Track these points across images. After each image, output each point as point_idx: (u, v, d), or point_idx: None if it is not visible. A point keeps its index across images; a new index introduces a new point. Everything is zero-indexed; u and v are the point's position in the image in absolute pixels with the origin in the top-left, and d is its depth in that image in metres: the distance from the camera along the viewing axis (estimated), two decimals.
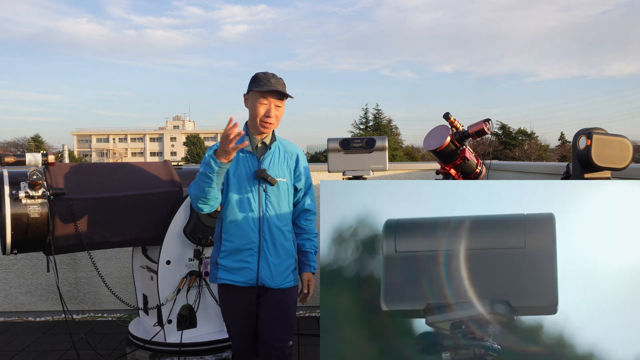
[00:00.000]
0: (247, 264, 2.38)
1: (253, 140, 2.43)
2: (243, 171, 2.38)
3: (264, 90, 2.33)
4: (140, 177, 3.15)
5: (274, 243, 2.40)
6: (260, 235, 2.38)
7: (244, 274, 2.38)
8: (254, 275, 2.38)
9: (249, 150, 2.40)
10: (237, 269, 2.39)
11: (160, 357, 3.11)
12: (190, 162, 45.15)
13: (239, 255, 2.38)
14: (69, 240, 2.89)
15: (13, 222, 2.73)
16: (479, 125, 2.53)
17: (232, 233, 2.38)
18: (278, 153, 2.45)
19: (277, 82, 2.37)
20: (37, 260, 4.58)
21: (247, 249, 2.37)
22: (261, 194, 2.37)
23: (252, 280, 2.38)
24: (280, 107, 2.40)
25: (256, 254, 2.38)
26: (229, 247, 2.39)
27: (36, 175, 2.73)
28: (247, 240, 2.37)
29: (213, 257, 2.49)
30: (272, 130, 2.44)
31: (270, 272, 2.39)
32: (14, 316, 4.63)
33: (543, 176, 4.04)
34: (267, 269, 2.38)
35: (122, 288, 4.56)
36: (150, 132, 78.10)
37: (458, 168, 2.61)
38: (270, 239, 2.39)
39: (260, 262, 2.38)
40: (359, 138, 2.98)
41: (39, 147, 50.35)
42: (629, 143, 2.12)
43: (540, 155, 39.13)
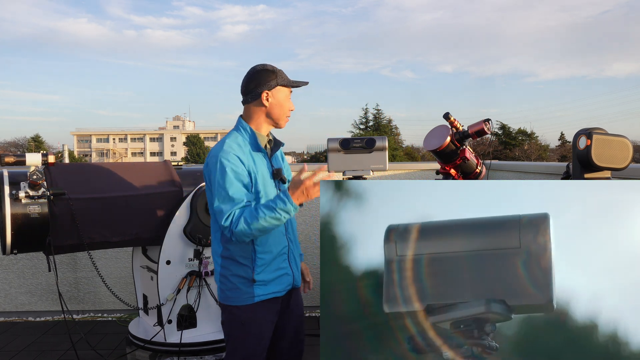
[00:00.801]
0: (284, 270, 2.25)
1: (262, 138, 2.28)
2: (264, 172, 2.24)
3: (298, 83, 2.29)
4: (140, 177, 3.15)
5: (295, 241, 2.36)
6: (287, 237, 2.29)
7: (282, 281, 2.25)
8: (291, 279, 2.28)
9: (260, 149, 2.25)
10: (274, 279, 2.22)
11: (160, 357, 3.11)
12: (190, 162, 45.12)
13: (275, 264, 2.23)
14: (69, 240, 2.89)
15: (13, 222, 2.73)
16: (479, 125, 2.53)
17: (269, 242, 2.19)
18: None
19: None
20: (37, 260, 4.58)
21: (282, 254, 2.25)
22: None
23: (289, 285, 2.28)
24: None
25: (287, 258, 2.28)
26: (267, 259, 2.20)
27: (36, 175, 2.73)
28: (282, 245, 2.25)
29: (240, 276, 2.19)
30: None
31: (298, 271, 2.33)
32: (14, 316, 4.63)
33: (543, 176, 4.04)
34: (296, 269, 2.32)
35: (122, 288, 4.56)
36: (150, 132, 78.08)
37: (458, 168, 2.61)
38: (294, 238, 2.34)
39: (291, 264, 2.30)
40: (359, 138, 2.98)
41: (39, 147, 50.34)
42: (629, 143, 2.12)
43: (540, 155, 39.12)
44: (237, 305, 2.21)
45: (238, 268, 2.20)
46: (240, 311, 2.21)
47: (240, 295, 2.19)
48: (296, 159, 67.36)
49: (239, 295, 2.20)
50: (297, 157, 72.34)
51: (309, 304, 4.71)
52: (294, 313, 2.37)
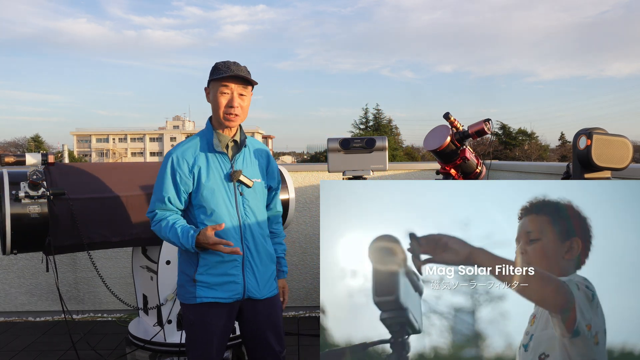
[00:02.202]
0: (231, 277, 2.14)
1: (223, 138, 2.18)
2: (216, 174, 2.15)
3: (224, 77, 2.10)
4: (140, 177, 3.15)
5: (258, 250, 2.19)
6: (243, 244, 2.16)
7: (229, 288, 2.14)
8: (240, 288, 2.15)
9: (219, 150, 2.17)
10: (219, 284, 2.13)
11: (160, 357, 3.10)
12: None
13: (222, 268, 2.13)
14: (69, 240, 2.89)
15: (13, 222, 2.73)
16: (479, 125, 2.53)
17: None
18: (249, 152, 2.25)
19: (239, 68, 2.14)
20: (37, 260, 4.58)
21: (232, 260, 2.13)
22: (238, 198, 2.16)
23: (239, 294, 2.15)
24: (244, 95, 2.16)
25: (240, 265, 2.15)
26: (211, 261, 2.12)
27: (36, 175, 2.73)
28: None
29: (185, 273, 2.19)
30: (238, 123, 2.20)
31: (257, 283, 2.18)
32: (14, 316, 4.63)
33: (543, 176, 4.04)
34: (253, 280, 2.17)
35: (122, 288, 4.56)
36: (150, 132, 78.02)
37: (458, 168, 2.61)
38: (254, 246, 2.19)
39: (246, 273, 2.16)
40: (359, 138, 2.98)
41: (39, 147, 50.35)
42: (629, 143, 2.12)
43: (540, 155, 39.14)
44: (184, 303, 2.22)
45: (185, 265, 2.21)
46: (187, 310, 2.21)
47: (184, 293, 2.20)
48: (296, 159, 67.37)
49: (183, 293, 2.21)
50: (297, 157, 72.34)
51: (309, 304, 4.71)
52: (250, 326, 2.25)
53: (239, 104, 2.14)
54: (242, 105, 2.16)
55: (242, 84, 2.15)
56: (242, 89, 2.15)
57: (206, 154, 2.16)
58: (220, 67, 2.14)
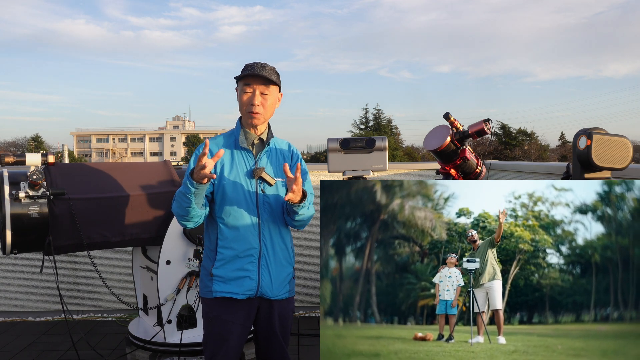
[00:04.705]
0: (247, 273, 2.16)
1: (249, 136, 2.24)
2: (239, 170, 2.19)
3: (245, 76, 2.17)
4: (140, 177, 3.15)
5: (274, 248, 2.20)
6: (261, 240, 2.18)
7: (243, 284, 2.16)
8: (254, 285, 2.16)
9: (244, 147, 2.22)
10: (234, 279, 2.16)
11: (160, 357, 3.11)
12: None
13: (238, 264, 2.16)
14: (69, 240, 2.89)
15: (13, 222, 2.73)
16: (479, 125, 2.53)
17: (230, 239, 2.16)
18: (275, 151, 2.28)
19: (262, 68, 2.20)
20: (37, 260, 4.58)
21: (247, 255, 2.16)
22: (259, 195, 2.18)
23: (252, 291, 2.17)
24: (267, 94, 2.20)
25: (256, 261, 2.17)
26: (227, 255, 2.16)
27: (36, 175, 2.73)
28: (248, 245, 2.16)
29: (205, 268, 2.25)
30: (262, 121, 2.23)
31: (271, 282, 2.19)
32: (14, 316, 4.63)
33: (543, 176, 4.04)
34: (267, 278, 2.18)
35: (122, 288, 4.56)
36: (150, 132, 78.05)
37: (458, 168, 2.61)
38: (271, 244, 2.20)
39: (261, 270, 2.17)
40: (359, 138, 2.98)
41: (39, 147, 50.33)
42: (629, 143, 2.12)
43: (540, 155, 39.12)
44: (203, 297, 2.27)
45: (205, 259, 2.28)
46: (205, 304, 2.26)
47: (203, 287, 2.26)
48: None
49: (202, 287, 2.27)
50: None
51: (309, 304, 4.71)
52: (264, 324, 2.26)
53: (260, 102, 2.19)
54: (264, 103, 2.21)
55: (264, 83, 2.20)
56: (264, 88, 2.20)
57: (232, 150, 2.22)
58: (246, 67, 2.22)
